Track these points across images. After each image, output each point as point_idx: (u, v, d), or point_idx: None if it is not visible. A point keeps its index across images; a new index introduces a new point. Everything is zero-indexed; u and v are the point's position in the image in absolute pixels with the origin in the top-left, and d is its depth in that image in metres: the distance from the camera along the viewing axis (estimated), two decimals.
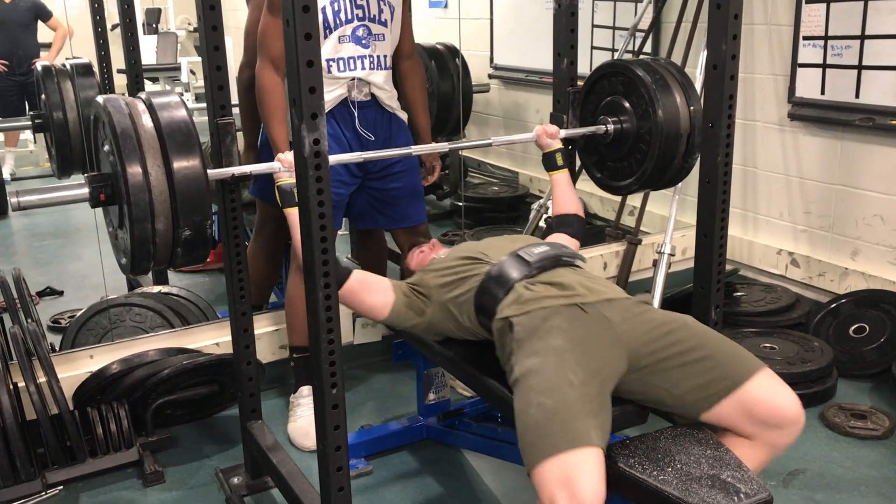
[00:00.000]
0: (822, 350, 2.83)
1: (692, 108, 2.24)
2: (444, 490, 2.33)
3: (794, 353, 2.81)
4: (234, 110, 2.23)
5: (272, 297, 3.28)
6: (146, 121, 1.74)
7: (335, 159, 2.13)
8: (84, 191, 1.78)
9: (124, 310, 2.87)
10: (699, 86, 2.92)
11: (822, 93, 3.20)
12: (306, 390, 2.63)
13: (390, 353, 2.51)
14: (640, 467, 1.61)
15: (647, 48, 3.86)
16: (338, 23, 2.42)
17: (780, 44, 3.36)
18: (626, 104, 2.32)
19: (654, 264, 3.12)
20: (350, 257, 3.55)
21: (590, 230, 3.99)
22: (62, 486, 2.33)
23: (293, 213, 1.92)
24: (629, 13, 4.06)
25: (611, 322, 1.80)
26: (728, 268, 3.44)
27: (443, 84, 4.41)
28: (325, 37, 2.40)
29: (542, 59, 4.56)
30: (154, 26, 8.00)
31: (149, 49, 7.21)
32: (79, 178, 1.90)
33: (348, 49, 2.45)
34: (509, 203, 4.80)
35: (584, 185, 2.92)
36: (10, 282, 2.82)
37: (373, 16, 2.47)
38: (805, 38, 3.22)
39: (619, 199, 3.79)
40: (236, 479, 2.35)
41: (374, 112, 2.56)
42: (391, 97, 2.59)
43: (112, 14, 3.62)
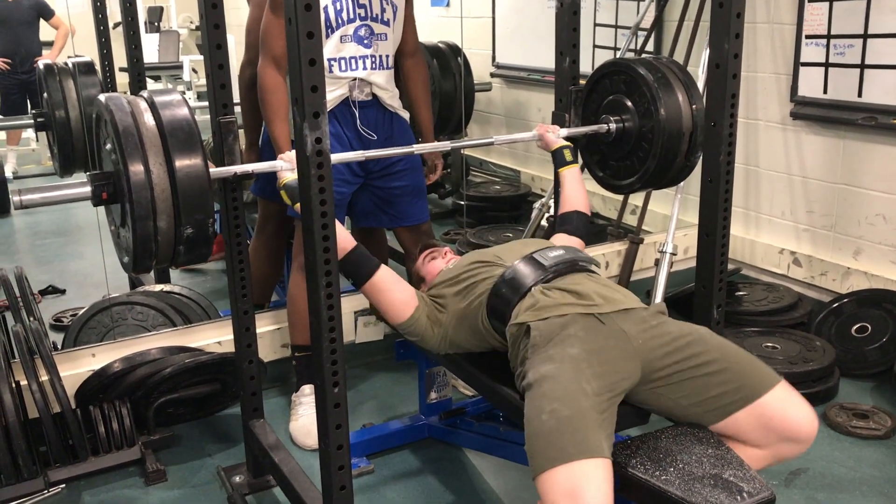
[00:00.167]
0: (824, 350, 2.83)
1: (694, 106, 2.24)
2: (445, 489, 2.33)
3: (797, 353, 2.81)
4: (236, 109, 2.23)
5: (274, 296, 3.28)
6: (148, 119, 1.74)
7: (337, 158, 2.13)
8: (86, 189, 1.78)
9: (126, 308, 2.87)
10: (701, 84, 2.92)
11: (825, 92, 3.20)
12: (308, 389, 2.63)
13: (392, 352, 2.50)
14: (643, 468, 1.61)
15: (650, 47, 3.86)
16: (339, 22, 2.42)
17: (783, 42, 3.36)
18: (629, 103, 2.31)
19: (656, 263, 3.12)
20: None
21: (591, 229, 4.00)
22: (64, 485, 2.34)
23: None
24: (631, 12, 4.06)
25: (628, 335, 1.78)
26: (730, 267, 3.44)
27: (445, 83, 4.41)
28: (326, 36, 2.40)
29: (544, 58, 4.56)
30: (156, 24, 8.01)
31: (151, 47, 7.21)
32: (81, 177, 1.90)
33: (350, 49, 2.45)
34: (511, 202, 4.80)
35: (586, 184, 2.90)
36: (13, 280, 2.82)
37: (375, 15, 2.47)
38: (808, 36, 3.22)
39: (621, 198, 3.79)
40: (238, 478, 2.35)
41: (376, 112, 2.56)
42: (393, 97, 2.59)
43: (114, 12, 3.62)
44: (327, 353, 1.57)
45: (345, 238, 1.95)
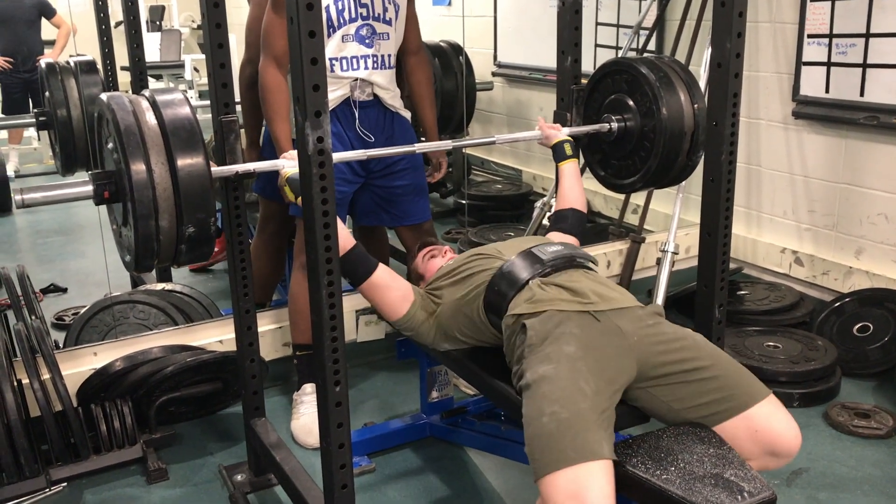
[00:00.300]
0: (826, 349, 2.83)
1: (696, 106, 2.24)
2: (446, 488, 2.33)
3: (798, 352, 2.81)
4: (237, 108, 2.23)
5: (275, 295, 3.28)
6: (150, 118, 1.74)
7: (339, 157, 2.13)
8: (88, 188, 1.78)
9: (128, 307, 2.87)
10: (703, 84, 2.92)
11: (827, 91, 3.19)
12: (309, 388, 2.63)
13: (393, 351, 2.51)
14: (644, 467, 1.61)
15: (652, 46, 3.86)
16: (341, 22, 2.42)
17: (785, 42, 3.35)
18: (630, 102, 2.31)
19: (658, 263, 3.12)
20: None
21: (593, 228, 4.00)
22: (66, 483, 2.34)
23: None
24: (633, 11, 4.05)
25: (623, 332, 1.79)
26: (732, 266, 3.44)
27: (446, 82, 4.41)
28: (328, 36, 2.39)
29: (545, 57, 4.55)
30: (158, 23, 8.00)
31: (152, 46, 7.20)
32: (83, 176, 1.90)
33: (352, 48, 2.45)
34: (513, 201, 4.80)
35: (588, 182, 2.90)
36: (15, 279, 2.83)
37: (377, 14, 2.47)
38: (810, 36, 3.21)
39: (622, 197, 3.79)
40: (240, 477, 2.35)
41: (377, 111, 2.56)
42: (394, 97, 2.59)
43: (116, 11, 3.62)
44: (329, 352, 1.57)
45: (343, 237, 1.96)
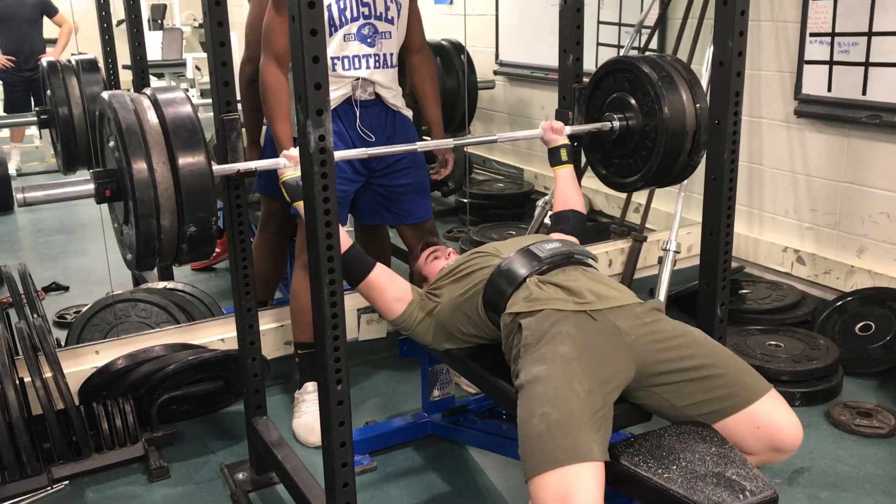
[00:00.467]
0: (828, 348, 2.83)
1: (698, 105, 2.24)
2: (448, 486, 2.33)
3: (800, 351, 2.81)
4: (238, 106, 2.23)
5: (277, 293, 3.29)
6: (151, 117, 1.74)
7: (340, 155, 2.13)
8: (89, 187, 1.78)
9: (130, 305, 2.87)
10: (705, 82, 2.91)
11: (829, 90, 3.19)
12: (311, 386, 2.63)
13: (395, 350, 2.51)
14: (645, 465, 1.61)
15: (653, 44, 3.85)
16: (343, 21, 2.41)
17: (787, 40, 3.35)
18: (632, 101, 2.31)
19: (660, 261, 3.12)
20: None
21: (595, 227, 4.00)
22: (68, 481, 2.34)
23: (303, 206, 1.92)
24: (635, 9, 4.05)
25: (620, 331, 1.79)
26: (733, 265, 3.44)
27: (448, 80, 4.41)
28: (329, 35, 2.39)
29: (547, 56, 4.55)
30: (159, 22, 8.00)
31: (154, 45, 7.20)
32: (84, 174, 1.90)
33: (354, 47, 2.44)
34: (514, 200, 4.79)
35: (590, 181, 2.91)
36: (16, 277, 2.83)
37: (379, 13, 2.47)
38: (812, 34, 3.21)
39: (624, 195, 3.78)
40: (241, 475, 2.35)
41: (378, 110, 2.56)
42: (395, 96, 2.59)
43: (117, 10, 3.62)
44: (330, 351, 1.57)
45: (340, 238, 1.96)
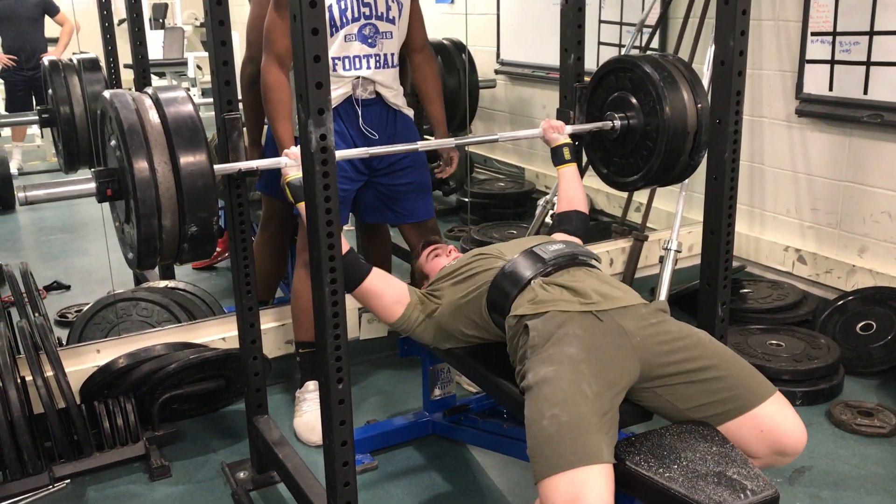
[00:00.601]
0: (829, 347, 2.83)
1: (699, 105, 2.24)
2: (449, 486, 2.33)
3: (801, 350, 2.81)
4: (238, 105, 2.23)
5: (278, 292, 3.29)
6: (153, 116, 1.74)
7: (341, 155, 2.13)
8: (91, 186, 1.78)
9: (131, 304, 2.88)
10: (706, 82, 2.91)
11: (830, 89, 3.19)
12: (312, 385, 2.63)
13: (396, 349, 2.51)
14: (646, 465, 1.61)
15: (655, 44, 3.85)
16: (344, 21, 2.41)
17: (788, 40, 3.35)
18: (634, 100, 2.31)
19: (661, 261, 3.11)
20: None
21: (596, 226, 4.00)
22: (69, 480, 2.34)
23: (305, 207, 1.92)
24: (636, 9, 4.05)
25: (626, 332, 1.79)
26: (735, 264, 3.44)
27: (449, 80, 4.41)
28: (330, 35, 2.39)
29: (548, 55, 4.54)
30: (161, 21, 8.00)
31: (155, 44, 7.20)
32: (86, 173, 1.90)
33: (354, 48, 2.44)
34: (515, 199, 4.79)
35: (591, 180, 2.91)
36: (18, 276, 2.83)
37: (380, 13, 2.47)
38: (813, 33, 3.20)
39: (625, 195, 3.78)
40: (242, 474, 2.36)
41: (379, 109, 2.56)
42: (396, 95, 2.59)
43: (119, 9, 3.62)
44: (331, 350, 1.58)
45: None
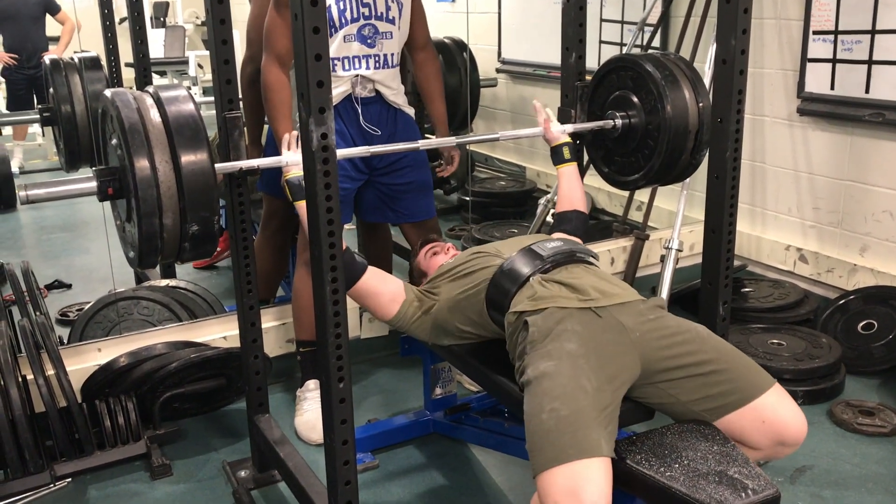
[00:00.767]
0: (830, 346, 2.82)
1: (701, 104, 2.23)
2: (450, 484, 2.33)
3: (802, 350, 2.80)
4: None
5: (279, 291, 3.29)
6: (154, 115, 1.74)
7: (342, 154, 2.13)
8: (92, 184, 1.78)
9: (132, 303, 2.88)
10: (708, 80, 2.91)
11: (832, 88, 3.18)
12: (313, 384, 2.63)
13: (397, 348, 2.51)
14: (647, 464, 1.61)
15: (656, 42, 3.85)
16: (343, 22, 2.41)
17: (790, 38, 3.34)
18: (635, 99, 2.31)
19: (662, 260, 3.11)
20: (356, 252, 3.55)
21: (597, 225, 4.00)
22: (70, 479, 2.34)
23: (304, 206, 1.92)
24: (638, 7, 4.04)
25: (625, 327, 1.79)
26: (736, 263, 3.43)
27: (450, 78, 4.41)
28: (330, 35, 2.39)
29: (550, 54, 4.52)
30: (162, 20, 8.00)
31: (157, 43, 7.20)
32: (87, 172, 1.90)
33: (354, 48, 2.44)
34: (516, 198, 4.79)
35: (592, 179, 2.91)
36: (19, 275, 2.83)
37: (380, 14, 2.46)
38: (815, 32, 3.20)
39: (626, 194, 3.78)
40: (243, 473, 2.36)
41: (379, 108, 2.56)
42: (396, 94, 2.58)
43: (120, 8, 3.62)
44: (332, 349, 1.58)
45: None
